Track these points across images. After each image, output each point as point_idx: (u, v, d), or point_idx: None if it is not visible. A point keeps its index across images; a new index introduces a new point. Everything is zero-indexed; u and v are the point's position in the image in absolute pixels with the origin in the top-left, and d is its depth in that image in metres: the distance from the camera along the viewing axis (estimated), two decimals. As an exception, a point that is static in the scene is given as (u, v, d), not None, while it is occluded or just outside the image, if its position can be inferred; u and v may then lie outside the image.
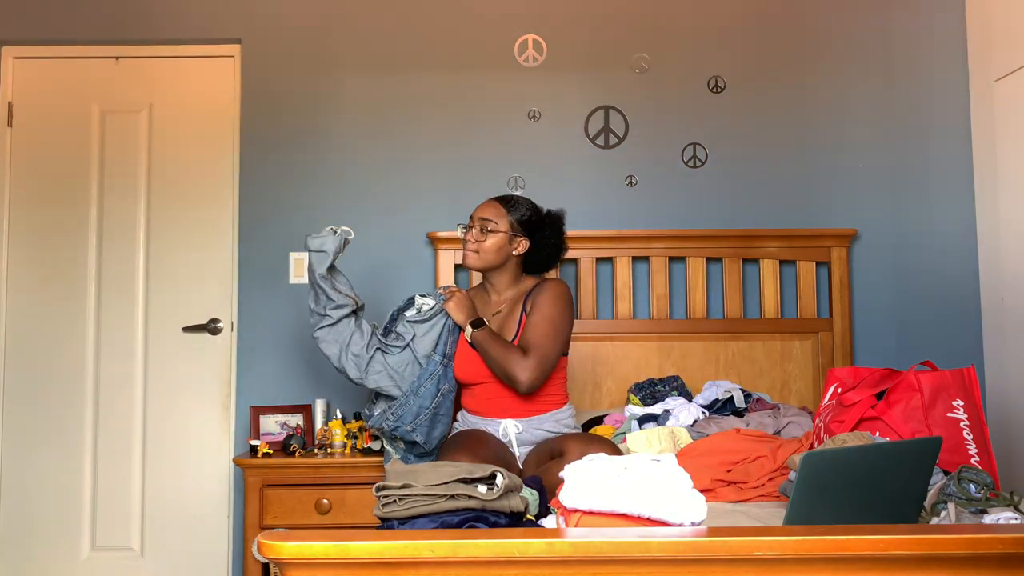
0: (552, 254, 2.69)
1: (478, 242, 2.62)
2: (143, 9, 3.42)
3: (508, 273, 2.67)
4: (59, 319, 3.39)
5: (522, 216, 2.64)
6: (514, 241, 2.63)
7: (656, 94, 3.41)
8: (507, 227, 2.62)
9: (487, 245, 2.61)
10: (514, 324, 2.60)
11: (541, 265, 2.71)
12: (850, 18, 3.43)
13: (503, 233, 2.61)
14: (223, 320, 3.40)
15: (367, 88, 3.41)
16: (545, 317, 2.54)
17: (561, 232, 2.71)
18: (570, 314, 2.60)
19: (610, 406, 3.18)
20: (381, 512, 1.65)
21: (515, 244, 2.64)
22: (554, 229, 2.69)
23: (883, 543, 1.14)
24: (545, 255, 2.68)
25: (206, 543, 3.33)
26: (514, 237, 2.63)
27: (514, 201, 2.67)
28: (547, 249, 2.67)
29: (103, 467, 3.35)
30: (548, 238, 2.67)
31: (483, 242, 2.61)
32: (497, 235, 2.61)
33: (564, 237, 2.72)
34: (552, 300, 2.57)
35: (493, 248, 2.62)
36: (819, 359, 3.24)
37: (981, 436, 2.12)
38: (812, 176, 3.40)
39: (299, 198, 3.38)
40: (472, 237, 2.63)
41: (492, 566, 1.16)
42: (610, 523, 1.44)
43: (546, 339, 2.51)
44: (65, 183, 3.42)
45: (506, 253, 2.64)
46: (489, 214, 2.63)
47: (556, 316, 2.54)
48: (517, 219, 2.63)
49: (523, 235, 2.64)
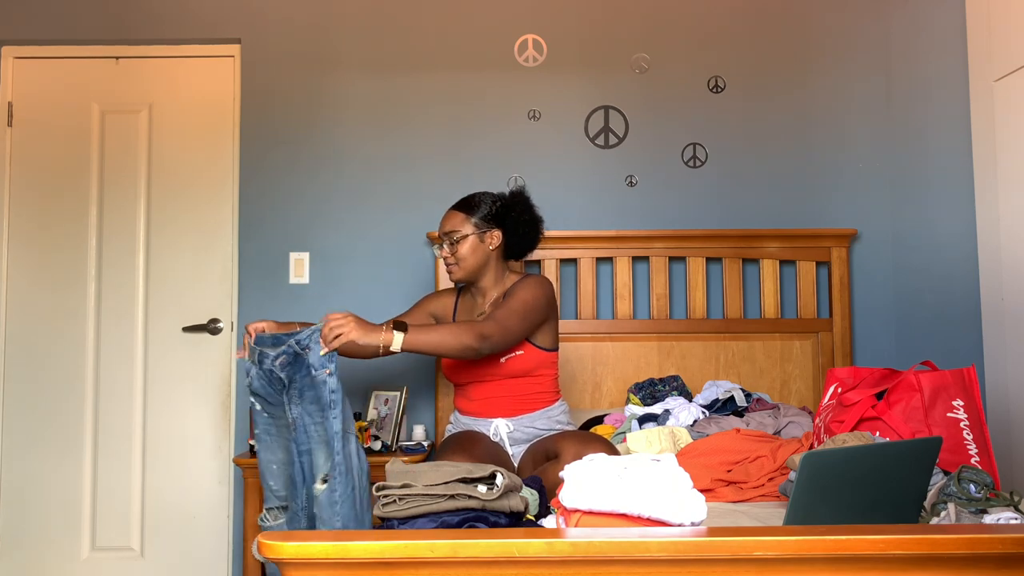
0: (529, 232, 2.63)
1: (452, 256, 2.59)
2: (143, 9, 3.42)
3: (491, 271, 2.63)
4: (59, 319, 3.39)
5: (485, 211, 2.59)
6: (485, 237, 2.59)
7: (656, 94, 3.41)
8: (472, 228, 2.57)
9: (462, 253, 2.57)
10: None
11: (525, 245, 2.65)
12: (850, 18, 3.43)
13: (471, 235, 2.57)
14: (223, 320, 3.40)
15: (367, 88, 3.41)
16: (516, 299, 2.49)
17: (530, 207, 2.64)
18: (544, 303, 2.54)
19: (610, 406, 3.19)
20: (381, 512, 1.65)
21: (488, 239, 2.59)
22: (522, 207, 2.63)
23: (883, 543, 1.14)
24: (522, 234, 2.62)
25: (206, 543, 3.33)
26: (483, 233, 2.58)
27: (472, 201, 2.62)
28: (522, 227, 2.62)
29: (103, 467, 3.35)
30: (520, 216, 2.61)
31: (456, 252, 2.58)
32: (467, 240, 2.57)
33: (535, 211, 2.65)
34: (526, 287, 2.53)
35: (468, 254, 2.58)
36: (819, 359, 3.24)
37: (981, 436, 2.12)
38: (812, 176, 3.40)
39: (299, 198, 3.38)
40: (445, 253, 2.60)
41: (492, 566, 1.16)
42: (610, 523, 1.44)
43: (511, 313, 2.44)
44: (65, 183, 3.42)
45: (483, 252, 2.59)
46: (451, 225, 2.59)
47: (527, 298, 2.49)
48: (481, 216, 2.58)
49: (492, 227, 2.60)
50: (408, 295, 3.30)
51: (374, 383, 3.31)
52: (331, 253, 3.37)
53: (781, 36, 3.43)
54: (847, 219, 3.37)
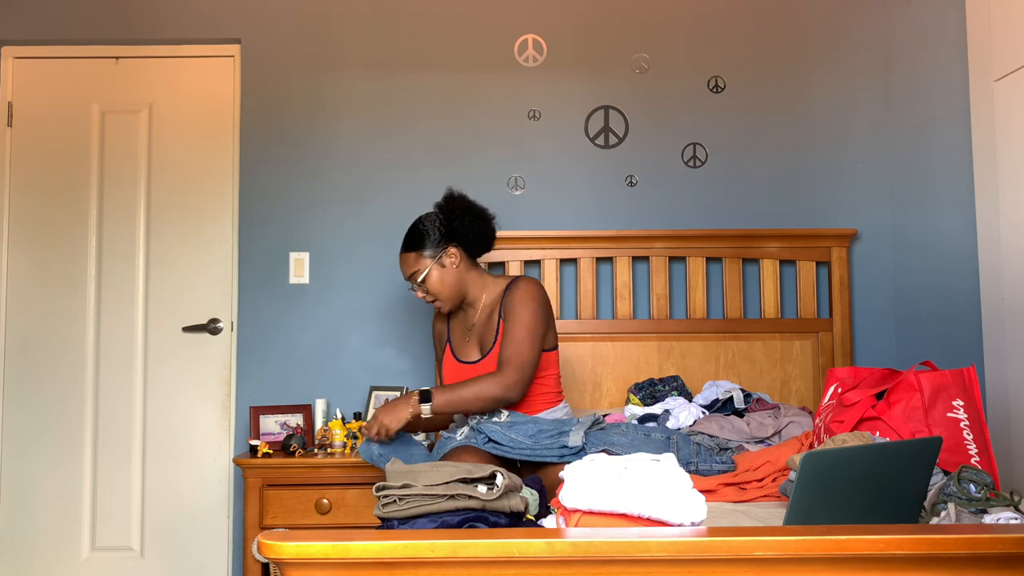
0: (480, 228, 2.59)
1: (427, 294, 2.57)
2: (143, 9, 3.42)
3: (470, 284, 2.60)
4: (59, 319, 3.39)
5: (432, 237, 2.55)
6: (444, 260, 2.55)
7: (656, 94, 3.41)
8: (428, 261, 2.54)
9: (434, 289, 2.55)
10: (492, 332, 2.54)
11: (483, 242, 2.62)
12: (850, 18, 3.43)
13: (431, 267, 2.54)
14: (223, 320, 3.40)
15: (367, 88, 3.41)
16: (518, 322, 2.46)
17: (469, 205, 2.60)
18: (543, 311, 2.51)
19: (610, 406, 3.18)
20: (381, 512, 1.65)
21: (447, 260, 2.55)
22: (462, 211, 2.59)
23: (883, 543, 1.14)
24: (475, 234, 2.59)
25: (206, 543, 3.33)
26: (441, 258, 2.55)
27: (415, 235, 2.57)
28: (471, 229, 2.57)
29: (103, 467, 3.35)
30: (464, 219, 2.57)
31: (429, 290, 2.56)
32: (430, 275, 2.54)
33: (475, 205, 2.61)
34: (521, 301, 2.49)
35: (440, 286, 2.55)
36: (819, 359, 3.24)
37: (981, 436, 2.12)
38: (812, 176, 3.40)
39: (299, 198, 3.38)
40: (421, 294, 2.59)
41: (492, 566, 1.16)
42: (610, 523, 1.44)
43: (521, 343, 2.44)
44: (65, 183, 3.42)
45: (452, 274, 2.56)
46: (409, 268, 2.57)
47: (527, 317, 2.47)
48: (430, 245, 2.54)
49: (445, 246, 2.55)
50: (408, 295, 3.30)
51: (374, 383, 3.31)
52: (331, 253, 3.37)
53: (781, 36, 3.43)
54: (847, 219, 3.37)
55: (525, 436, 2.34)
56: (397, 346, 3.34)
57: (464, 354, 2.60)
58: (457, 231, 2.57)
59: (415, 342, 3.33)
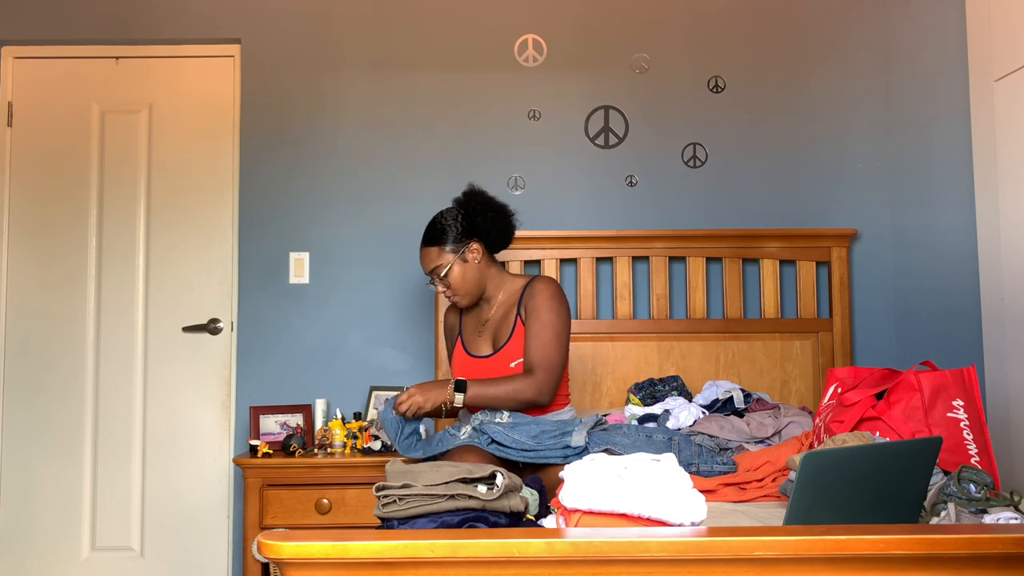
0: (501, 224, 2.58)
1: (447, 288, 2.56)
2: (143, 9, 3.42)
3: (490, 280, 2.60)
4: (59, 319, 3.39)
5: (453, 232, 2.54)
6: (467, 255, 2.54)
7: (656, 94, 3.41)
8: (451, 256, 2.53)
9: (455, 283, 2.54)
10: (507, 328, 2.54)
11: (503, 238, 2.61)
12: (850, 18, 3.43)
13: (454, 263, 2.53)
14: (223, 320, 3.40)
15: (367, 88, 3.41)
16: (544, 324, 2.47)
17: (489, 200, 2.59)
18: (567, 313, 2.53)
19: (610, 406, 3.18)
20: (381, 512, 1.65)
21: (470, 256, 2.54)
22: (483, 206, 2.58)
23: (883, 543, 1.14)
24: (497, 229, 2.58)
25: (206, 543, 3.33)
26: (463, 253, 2.54)
27: (437, 229, 2.56)
28: (494, 224, 2.57)
29: (103, 467, 3.35)
30: (486, 215, 2.56)
31: (450, 285, 2.55)
32: (452, 270, 2.53)
33: (495, 201, 2.60)
34: (547, 303, 2.49)
35: (460, 280, 2.54)
36: (819, 359, 3.24)
37: (981, 436, 2.12)
38: (812, 176, 3.40)
39: (299, 198, 3.38)
40: (442, 289, 2.58)
41: (492, 566, 1.16)
42: (610, 523, 1.44)
43: (549, 347, 2.45)
44: (65, 183, 3.42)
45: (473, 270, 2.55)
46: (430, 263, 2.55)
47: (554, 319, 2.48)
48: (452, 239, 2.53)
49: (468, 242, 2.54)
50: (408, 295, 3.30)
51: (374, 383, 3.31)
52: (331, 253, 3.37)
53: (781, 36, 3.43)
54: (847, 219, 3.37)
55: (528, 437, 2.33)
56: (397, 346, 3.34)
57: (476, 348, 2.60)
58: (479, 226, 2.56)
59: (415, 342, 3.34)
